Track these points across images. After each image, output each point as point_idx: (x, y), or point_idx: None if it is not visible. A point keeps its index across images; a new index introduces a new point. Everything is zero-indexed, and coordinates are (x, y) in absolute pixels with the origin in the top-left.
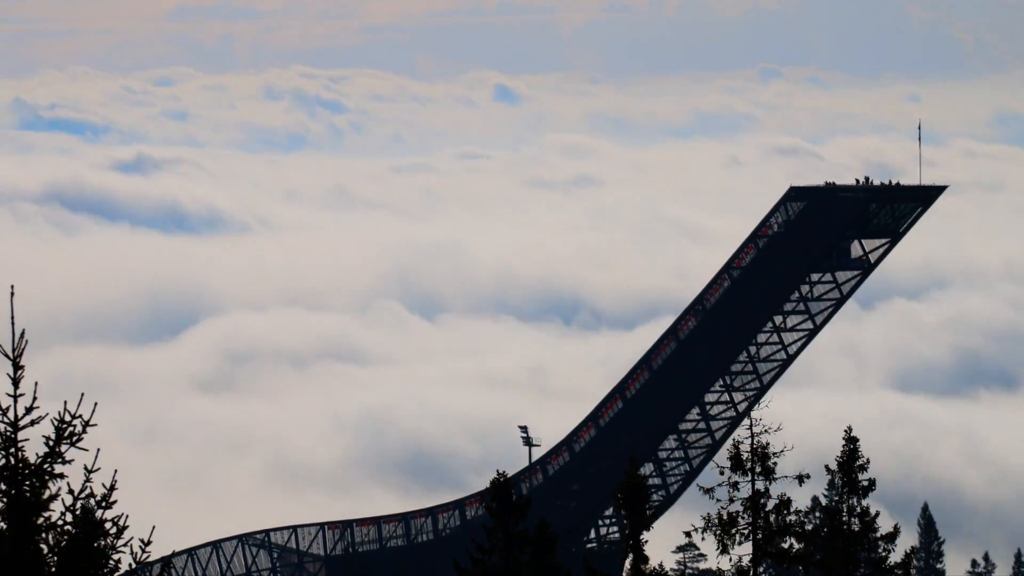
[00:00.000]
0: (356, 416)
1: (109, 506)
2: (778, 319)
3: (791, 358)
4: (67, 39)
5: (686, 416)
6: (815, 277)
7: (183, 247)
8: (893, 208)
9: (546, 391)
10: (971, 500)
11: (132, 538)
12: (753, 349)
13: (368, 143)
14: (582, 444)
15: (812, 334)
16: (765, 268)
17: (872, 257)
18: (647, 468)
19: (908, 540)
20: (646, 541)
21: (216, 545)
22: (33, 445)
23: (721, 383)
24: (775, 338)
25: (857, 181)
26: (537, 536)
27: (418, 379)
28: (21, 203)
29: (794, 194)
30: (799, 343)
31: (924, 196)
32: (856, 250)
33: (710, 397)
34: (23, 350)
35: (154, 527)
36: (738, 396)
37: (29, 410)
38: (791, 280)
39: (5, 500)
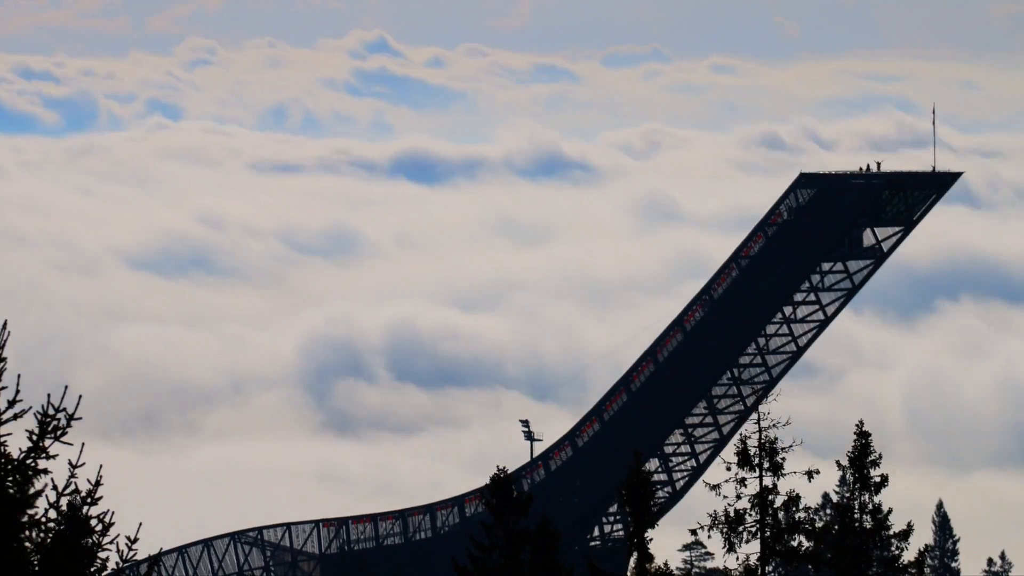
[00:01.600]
0: None
1: (95, 502)
2: (788, 310)
3: (801, 350)
4: None
5: (692, 410)
6: (826, 266)
7: None
8: (906, 195)
9: None
10: None
11: (118, 535)
12: (762, 341)
13: None
14: (585, 439)
15: (823, 325)
16: (774, 257)
17: (885, 246)
18: (652, 464)
19: (922, 538)
20: (651, 539)
21: (208, 543)
22: (16, 440)
23: (729, 376)
24: (784, 329)
25: (861, 169)
26: (539, 534)
27: None
28: None
29: (804, 181)
30: (809, 335)
31: (938, 183)
32: (868, 238)
33: (717, 390)
34: (5, 342)
35: (140, 524)
36: (746, 389)
37: (12, 403)
38: (801, 270)
39: None
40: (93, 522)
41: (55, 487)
